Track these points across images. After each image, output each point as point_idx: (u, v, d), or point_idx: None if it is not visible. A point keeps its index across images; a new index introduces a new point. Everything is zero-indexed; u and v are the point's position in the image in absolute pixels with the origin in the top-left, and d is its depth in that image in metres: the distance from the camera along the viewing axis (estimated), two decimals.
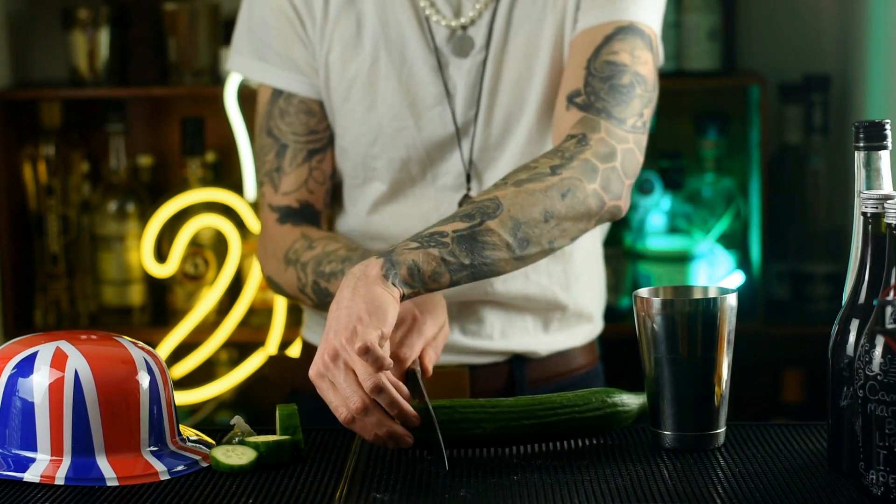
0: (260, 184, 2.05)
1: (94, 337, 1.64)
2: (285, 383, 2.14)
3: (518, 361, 2.04)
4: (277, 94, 2.03)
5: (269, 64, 2.02)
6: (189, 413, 3.23)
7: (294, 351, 2.17)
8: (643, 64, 1.90)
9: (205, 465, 1.62)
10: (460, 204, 1.98)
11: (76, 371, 1.57)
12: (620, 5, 1.91)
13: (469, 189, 1.99)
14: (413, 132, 1.98)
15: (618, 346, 3.22)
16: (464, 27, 1.98)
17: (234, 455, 1.60)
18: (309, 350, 2.11)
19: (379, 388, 1.60)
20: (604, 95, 1.85)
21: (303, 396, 2.08)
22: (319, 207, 2.03)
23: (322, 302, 1.93)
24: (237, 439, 1.65)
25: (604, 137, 1.83)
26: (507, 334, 2.03)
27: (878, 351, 1.44)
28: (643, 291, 1.67)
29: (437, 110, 1.98)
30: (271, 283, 2.04)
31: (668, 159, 3.20)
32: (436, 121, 1.98)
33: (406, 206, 2.02)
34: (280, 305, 3.12)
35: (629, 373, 3.29)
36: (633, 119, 1.86)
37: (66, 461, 1.56)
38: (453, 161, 1.99)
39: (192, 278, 3.21)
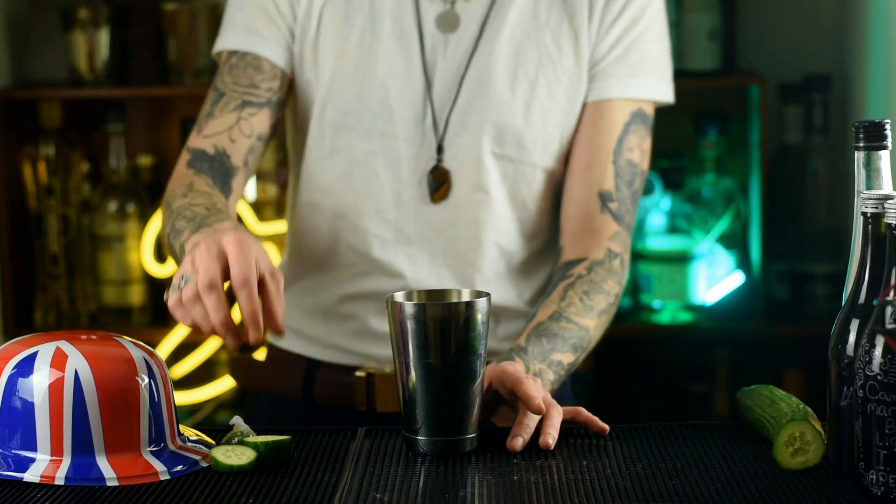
0: (190, 131, 2.03)
1: (94, 337, 1.64)
2: (249, 385, 2.14)
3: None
4: (232, 53, 2.02)
5: (235, 30, 2.02)
6: (189, 413, 3.23)
7: (259, 354, 2.16)
8: (646, 156, 2.05)
9: (205, 465, 1.62)
10: (431, 173, 1.98)
11: (76, 371, 1.57)
12: (642, 82, 2.02)
13: (440, 161, 1.99)
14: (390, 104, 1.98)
15: (615, 347, 3.23)
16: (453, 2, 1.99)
17: (234, 455, 1.60)
18: (274, 355, 2.09)
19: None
20: (630, 206, 2.02)
21: (264, 399, 2.08)
22: (236, 162, 1.98)
23: (173, 255, 1.89)
24: (237, 439, 1.65)
25: (627, 251, 2.03)
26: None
27: (878, 351, 1.44)
28: (398, 295, 1.66)
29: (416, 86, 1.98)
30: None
31: (668, 159, 3.20)
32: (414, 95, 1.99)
33: (372, 175, 2.00)
34: None
35: (626, 373, 3.29)
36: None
37: (66, 461, 1.56)
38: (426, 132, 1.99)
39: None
